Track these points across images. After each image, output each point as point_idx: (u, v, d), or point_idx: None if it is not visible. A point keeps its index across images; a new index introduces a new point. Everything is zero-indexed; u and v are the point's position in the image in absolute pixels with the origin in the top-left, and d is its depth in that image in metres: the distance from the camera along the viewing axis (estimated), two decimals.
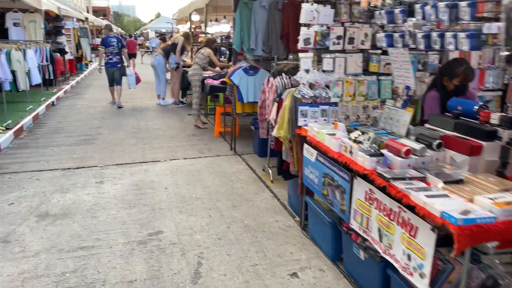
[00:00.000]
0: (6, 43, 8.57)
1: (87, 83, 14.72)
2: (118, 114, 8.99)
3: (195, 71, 7.50)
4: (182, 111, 9.44)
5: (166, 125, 7.98)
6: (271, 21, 5.81)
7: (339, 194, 2.73)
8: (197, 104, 7.59)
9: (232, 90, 5.81)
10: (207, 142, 6.69)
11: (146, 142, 6.66)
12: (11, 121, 7.41)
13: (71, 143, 6.62)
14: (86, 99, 11.18)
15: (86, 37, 18.26)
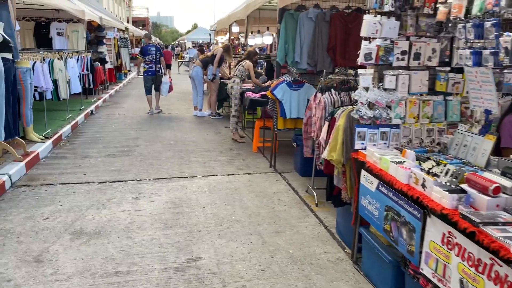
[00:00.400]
0: (49, 52, 8.66)
1: (125, 93, 14.86)
2: (155, 125, 8.90)
3: (234, 83, 7.29)
4: (218, 124, 9.25)
5: (203, 137, 7.79)
6: (317, 33, 5.52)
7: (406, 232, 2.39)
8: (235, 117, 7.36)
9: (274, 104, 5.54)
10: (245, 158, 6.43)
11: (183, 156, 6.47)
12: (50, 130, 7.41)
13: (108, 154, 6.52)
14: (124, 108, 11.20)
15: (126, 47, 18.54)
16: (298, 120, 5.61)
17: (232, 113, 7.36)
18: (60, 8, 9.41)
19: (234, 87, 7.27)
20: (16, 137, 5.86)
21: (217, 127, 8.88)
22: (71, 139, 7.54)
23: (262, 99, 6.43)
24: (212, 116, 9.95)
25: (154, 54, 9.97)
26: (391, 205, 2.54)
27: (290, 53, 5.53)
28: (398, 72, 2.97)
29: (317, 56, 5.55)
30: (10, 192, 4.82)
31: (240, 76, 7.30)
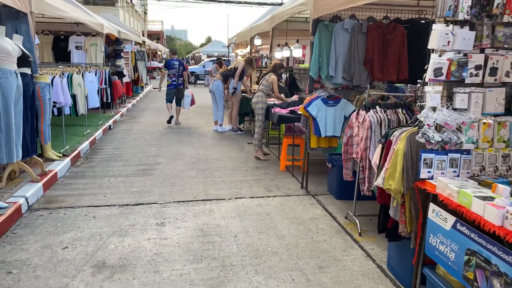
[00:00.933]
0: (68, 66, 8.44)
1: (142, 106, 14.65)
2: (175, 141, 8.58)
3: (259, 98, 6.94)
4: (240, 139, 8.89)
5: (226, 155, 7.44)
6: (353, 45, 5.15)
7: (501, 285, 1.96)
8: (259, 134, 6.99)
9: (307, 121, 5.16)
10: (273, 177, 6.04)
11: (208, 175, 6.11)
12: (68, 146, 7.14)
13: (129, 173, 6.19)
14: (142, 123, 10.94)
15: (143, 60, 18.44)
16: (333, 139, 5.22)
17: (256, 130, 7.00)
18: (79, 21, 9.22)
19: (258, 102, 6.91)
20: (34, 156, 5.57)
21: (239, 143, 8.52)
22: (90, 156, 7.25)
23: (291, 115, 6.06)
24: (233, 131, 9.61)
25: (177, 68, 10.26)
26: (477, 250, 2.12)
27: (324, 66, 5.16)
28: (470, 90, 2.57)
29: (353, 70, 5.18)
30: (26, 216, 4.50)
31: (264, 91, 6.95)
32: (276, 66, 7.05)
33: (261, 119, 6.92)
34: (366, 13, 5.28)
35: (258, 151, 7.07)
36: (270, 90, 7.02)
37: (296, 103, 6.70)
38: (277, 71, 7.02)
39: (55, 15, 7.34)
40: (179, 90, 10.38)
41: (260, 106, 6.89)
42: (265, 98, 6.93)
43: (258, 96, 6.94)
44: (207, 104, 15.01)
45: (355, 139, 4.07)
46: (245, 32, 11.19)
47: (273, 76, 6.98)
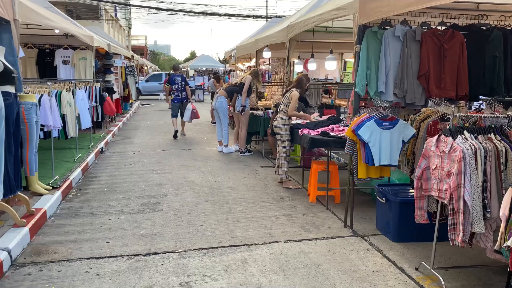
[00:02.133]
0: (54, 83, 7.43)
1: (134, 124, 13.63)
2: (178, 166, 7.61)
3: (281, 120, 6.04)
4: (252, 162, 7.98)
5: (240, 182, 6.51)
6: (406, 55, 4.35)
7: None
8: (286, 163, 6.08)
9: (353, 147, 4.28)
10: (305, 212, 5.13)
11: (227, 210, 5.17)
12: (58, 176, 6.12)
13: (132, 209, 5.21)
14: (137, 144, 9.94)
15: (132, 76, 17.46)
16: (385, 167, 4.35)
17: (282, 158, 6.07)
18: (69, 32, 8.27)
19: (282, 125, 6.01)
20: (18, 192, 4.56)
21: (251, 167, 7.60)
22: (83, 187, 6.24)
23: (326, 137, 5.18)
24: (240, 153, 8.69)
25: (180, 83, 10.73)
26: None
27: (373, 81, 4.32)
28: None
29: (406, 85, 4.35)
30: (9, 276, 3.49)
31: (287, 111, 6.07)
32: (302, 80, 6.15)
33: (287, 145, 6.02)
34: (419, 18, 4.49)
35: (288, 181, 6.16)
36: (294, 110, 6.14)
37: (325, 122, 5.84)
38: (302, 86, 6.13)
39: (42, 24, 6.39)
40: (183, 104, 10.79)
41: (284, 130, 5.99)
42: (288, 120, 6.04)
43: (280, 118, 6.04)
44: (203, 122, 14.10)
45: (435, 173, 3.21)
46: (248, 44, 10.36)
47: (295, 92, 6.09)
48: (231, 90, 8.87)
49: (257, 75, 8.54)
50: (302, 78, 6.13)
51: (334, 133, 5.38)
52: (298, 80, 6.15)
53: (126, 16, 51.46)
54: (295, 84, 6.14)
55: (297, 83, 6.13)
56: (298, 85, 6.12)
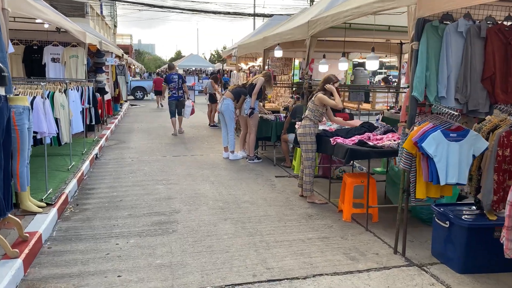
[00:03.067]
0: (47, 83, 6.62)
1: (127, 127, 12.81)
2: (184, 175, 6.90)
3: (306, 128, 5.37)
4: (263, 171, 7.30)
5: (258, 195, 5.83)
6: (469, 55, 3.73)
7: None
8: (311, 176, 5.43)
9: (411, 161, 3.65)
10: (343, 233, 4.49)
11: (252, 231, 4.49)
12: (52, 189, 5.36)
13: (142, 229, 4.50)
14: (133, 149, 9.17)
15: (123, 75, 16.64)
16: (446, 186, 3.72)
17: (306, 170, 5.42)
18: (62, 27, 7.48)
19: (307, 134, 5.35)
20: (8, 214, 3.81)
21: (264, 176, 6.92)
22: (81, 201, 5.49)
23: (367, 148, 4.54)
24: (249, 160, 8.00)
25: (177, 82, 11.00)
26: None
27: (433, 84, 3.69)
28: None
29: (469, 89, 3.73)
30: None
31: (312, 118, 5.41)
32: (327, 80, 5.49)
33: (312, 156, 5.37)
34: (483, 12, 3.88)
35: (313, 196, 5.51)
36: (321, 115, 5.49)
37: (358, 129, 5.21)
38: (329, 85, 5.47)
39: (34, 16, 5.63)
40: (180, 102, 11.16)
41: (309, 140, 5.33)
42: (314, 128, 5.39)
43: (306, 125, 5.38)
44: (200, 124, 13.39)
45: None
46: (253, 42, 9.68)
47: (320, 94, 5.44)
48: (238, 91, 8.19)
49: (270, 78, 7.88)
50: (328, 78, 5.48)
51: (371, 142, 4.74)
52: (324, 80, 5.50)
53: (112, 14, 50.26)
54: (321, 85, 5.49)
55: (323, 84, 5.48)
56: (322, 87, 5.47)
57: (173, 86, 10.99)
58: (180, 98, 11.10)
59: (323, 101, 5.40)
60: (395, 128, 5.19)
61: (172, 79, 11.00)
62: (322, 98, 5.42)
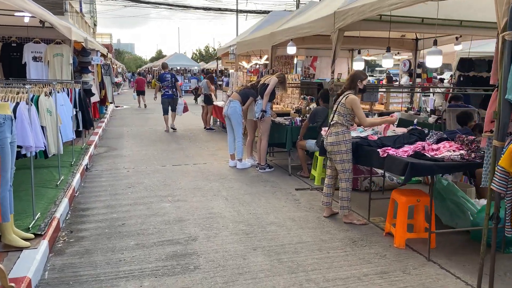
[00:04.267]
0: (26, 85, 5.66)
1: (116, 132, 11.82)
2: (191, 189, 6.04)
3: (339, 136, 4.58)
4: (279, 182, 6.49)
5: (282, 214, 5.03)
6: None
7: None
8: (349, 191, 4.66)
9: (508, 182, 2.89)
10: (402, 265, 3.72)
11: (291, 266, 3.68)
12: (40, 213, 4.45)
13: (156, 266, 3.64)
14: (127, 157, 8.24)
15: (108, 75, 15.57)
16: None
17: (343, 184, 4.63)
18: (46, 20, 6.51)
19: (341, 142, 4.56)
20: None
21: (283, 189, 6.11)
22: (75, 226, 4.59)
23: (433, 162, 3.76)
24: (260, 169, 7.18)
25: (170, 80, 11.35)
26: None
27: None
28: None
29: None
30: None
31: (344, 122, 4.63)
32: (354, 77, 4.71)
33: (349, 167, 4.59)
34: None
35: (350, 215, 4.73)
36: (353, 119, 4.72)
37: (407, 137, 4.43)
38: (355, 86, 4.68)
39: (18, 7, 4.72)
40: (173, 100, 11.47)
41: (344, 149, 4.55)
42: (348, 134, 4.61)
43: (337, 132, 4.57)
44: (195, 127, 12.50)
45: None
46: (258, 38, 8.85)
47: (352, 96, 4.66)
48: (246, 93, 7.36)
49: (284, 80, 7.09)
50: (355, 75, 4.70)
51: (427, 153, 3.98)
52: (351, 78, 4.72)
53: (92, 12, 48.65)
54: (348, 85, 4.70)
55: (350, 82, 4.70)
56: (350, 86, 4.69)
57: (166, 84, 11.34)
58: (174, 96, 11.43)
59: (352, 105, 4.61)
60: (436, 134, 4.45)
61: (165, 78, 11.37)
62: (354, 101, 4.62)
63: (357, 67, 6.35)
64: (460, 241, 4.25)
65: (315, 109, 6.38)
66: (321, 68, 11.27)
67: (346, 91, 4.74)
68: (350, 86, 4.75)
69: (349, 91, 4.73)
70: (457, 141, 4.14)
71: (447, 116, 6.00)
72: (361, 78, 4.77)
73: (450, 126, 5.96)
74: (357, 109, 4.63)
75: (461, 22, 5.95)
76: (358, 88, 4.77)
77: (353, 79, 4.75)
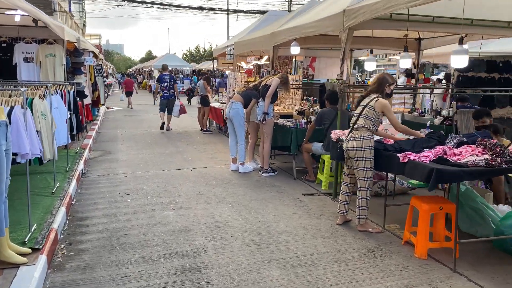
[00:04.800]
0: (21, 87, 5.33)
1: (109, 134, 11.49)
2: (193, 194, 5.78)
3: (365, 141, 4.34)
4: (284, 186, 6.25)
5: (293, 221, 4.80)
6: None
7: None
8: (368, 200, 4.43)
9: None
10: (427, 278, 3.49)
11: (311, 281, 3.44)
12: (36, 225, 4.16)
13: (165, 283, 3.38)
14: (124, 162, 7.95)
15: (101, 76, 15.20)
16: None
17: (363, 193, 4.39)
18: (39, 18, 6.19)
19: (366, 147, 4.30)
20: None
21: (289, 194, 5.88)
22: (74, 238, 4.31)
23: (456, 168, 3.55)
24: (263, 173, 6.94)
25: (168, 82, 11.68)
26: None
27: None
28: None
29: None
30: None
31: (370, 127, 4.39)
32: (383, 81, 4.48)
33: (371, 175, 4.37)
34: None
35: (366, 223, 4.51)
36: (379, 124, 4.48)
37: (426, 141, 4.22)
38: (383, 90, 4.46)
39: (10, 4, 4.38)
40: (170, 101, 11.66)
41: (369, 155, 4.31)
42: (373, 140, 4.38)
43: (363, 137, 4.32)
44: (191, 130, 12.23)
45: None
46: (258, 38, 8.61)
47: (383, 100, 4.38)
48: (249, 94, 7.10)
49: (287, 81, 6.86)
50: (386, 78, 4.47)
51: (449, 157, 3.78)
52: (378, 81, 4.48)
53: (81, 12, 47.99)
54: (375, 87, 4.48)
55: (377, 85, 4.46)
56: (378, 89, 4.46)
57: (164, 86, 11.62)
58: (171, 97, 11.66)
59: (386, 110, 4.37)
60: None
61: (164, 79, 11.66)
62: (386, 106, 4.37)
63: (368, 67, 6.13)
64: (483, 249, 4.05)
65: (322, 111, 6.16)
66: (320, 68, 11.05)
67: (373, 94, 4.49)
68: (377, 90, 4.48)
69: (376, 94, 4.47)
70: (479, 145, 3.94)
71: (458, 117, 5.81)
72: (389, 82, 4.52)
73: (462, 128, 5.78)
74: (390, 114, 4.39)
75: (471, 21, 5.77)
76: (386, 92, 4.51)
77: (381, 82, 4.47)
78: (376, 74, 4.78)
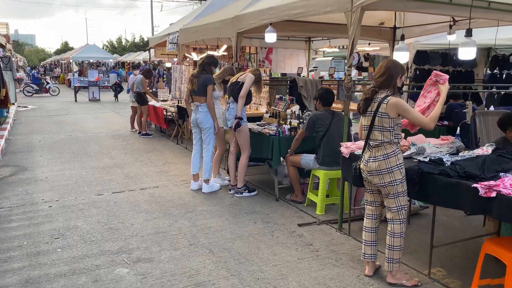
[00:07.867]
0: None
1: (23, 142, 9.27)
2: (152, 235, 4.20)
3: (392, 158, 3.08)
4: (267, 211, 4.87)
5: (304, 275, 3.45)
6: None
7: None
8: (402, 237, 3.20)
9: None
10: None
11: None
12: None
13: None
14: (46, 182, 6.05)
15: (9, 70, 12.68)
16: None
17: (396, 227, 3.16)
18: None
19: (395, 168, 3.06)
20: None
21: (279, 225, 4.50)
22: None
23: None
24: (236, 193, 5.48)
25: None
26: None
27: None
28: None
29: None
30: None
31: (394, 139, 3.16)
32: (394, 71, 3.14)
33: (405, 204, 3.16)
34: None
35: (399, 271, 3.26)
36: (400, 130, 3.25)
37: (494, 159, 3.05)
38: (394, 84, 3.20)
39: None
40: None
41: (400, 177, 3.09)
42: (401, 155, 3.17)
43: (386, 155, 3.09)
44: (123, 132, 10.36)
45: None
46: (214, 24, 7.06)
47: (393, 99, 3.13)
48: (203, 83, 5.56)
49: (260, 78, 5.47)
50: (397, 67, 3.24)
51: None
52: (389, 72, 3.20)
53: None
54: (385, 81, 3.21)
55: (388, 77, 3.20)
56: (389, 82, 3.21)
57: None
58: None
59: (402, 109, 3.15)
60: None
61: None
62: (401, 105, 3.15)
63: (401, 59, 4.88)
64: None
65: (315, 115, 4.83)
66: (277, 61, 9.79)
67: (381, 94, 3.22)
68: (387, 84, 3.23)
69: (384, 92, 3.22)
70: None
71: (477, 120, 4.80)
72: (400, 73, 3.29)
73: (482, 133, 4.78)
74: (408, 113, 3.16)
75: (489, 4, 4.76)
76: (397, 87, 3.29)
77: (392, 73, 3.22)
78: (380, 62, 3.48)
